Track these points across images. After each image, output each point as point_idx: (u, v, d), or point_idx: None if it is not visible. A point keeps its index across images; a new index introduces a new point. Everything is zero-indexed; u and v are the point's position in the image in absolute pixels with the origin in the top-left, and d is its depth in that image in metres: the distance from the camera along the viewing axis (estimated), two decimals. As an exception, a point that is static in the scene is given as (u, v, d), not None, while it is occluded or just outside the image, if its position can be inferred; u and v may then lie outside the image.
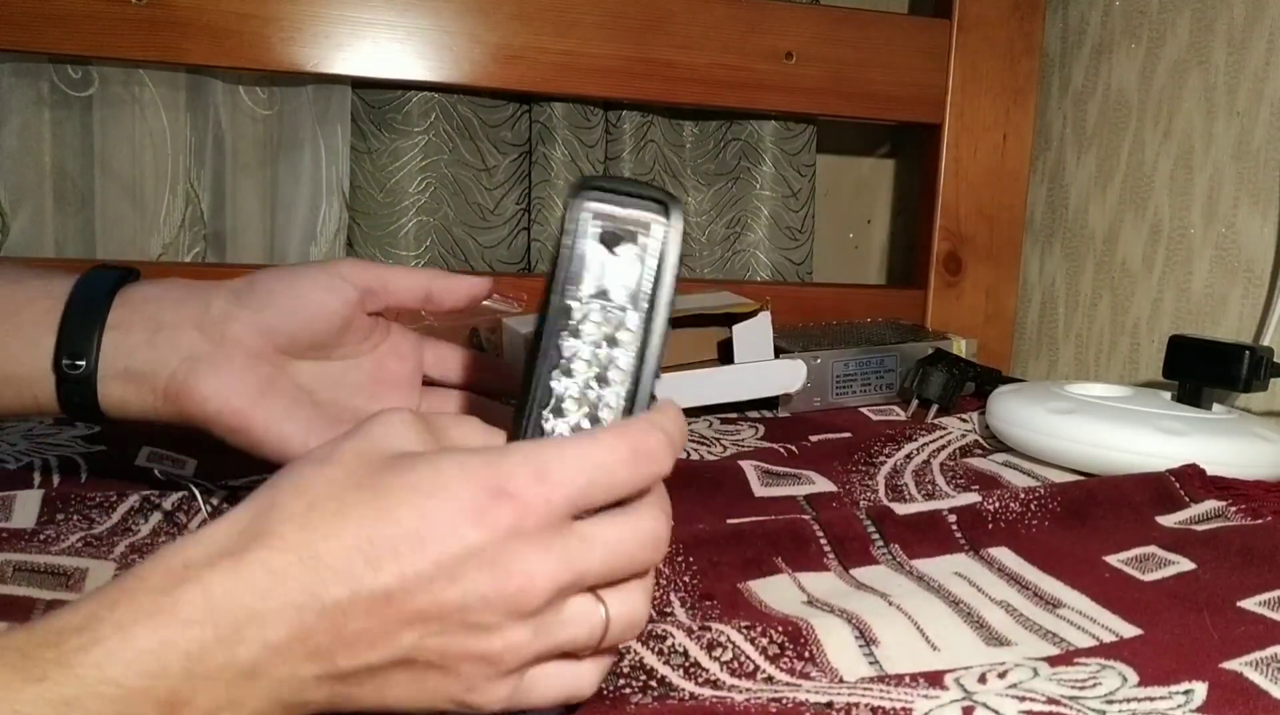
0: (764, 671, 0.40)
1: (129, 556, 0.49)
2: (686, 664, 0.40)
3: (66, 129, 0.97)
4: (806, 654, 0.41)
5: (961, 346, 0.90)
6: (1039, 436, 0.69)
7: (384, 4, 0.92)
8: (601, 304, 0.36)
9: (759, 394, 0.79)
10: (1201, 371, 0.73)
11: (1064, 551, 0.54)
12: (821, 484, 0.65)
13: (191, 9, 0.88)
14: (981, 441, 0.76)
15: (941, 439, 0.74)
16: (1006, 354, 1.13)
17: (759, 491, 0.63)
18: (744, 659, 0.41)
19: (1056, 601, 0.48)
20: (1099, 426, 0.67)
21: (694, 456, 0.71)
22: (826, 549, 0.54)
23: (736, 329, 0.77)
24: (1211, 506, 0.60)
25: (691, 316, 0.78)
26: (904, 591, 0.48)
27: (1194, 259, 0.96)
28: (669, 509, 0.35)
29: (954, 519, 0.57)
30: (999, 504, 0.58)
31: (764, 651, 0.41)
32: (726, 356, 0.79)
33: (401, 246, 1.06)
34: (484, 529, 0.30)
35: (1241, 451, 0.65)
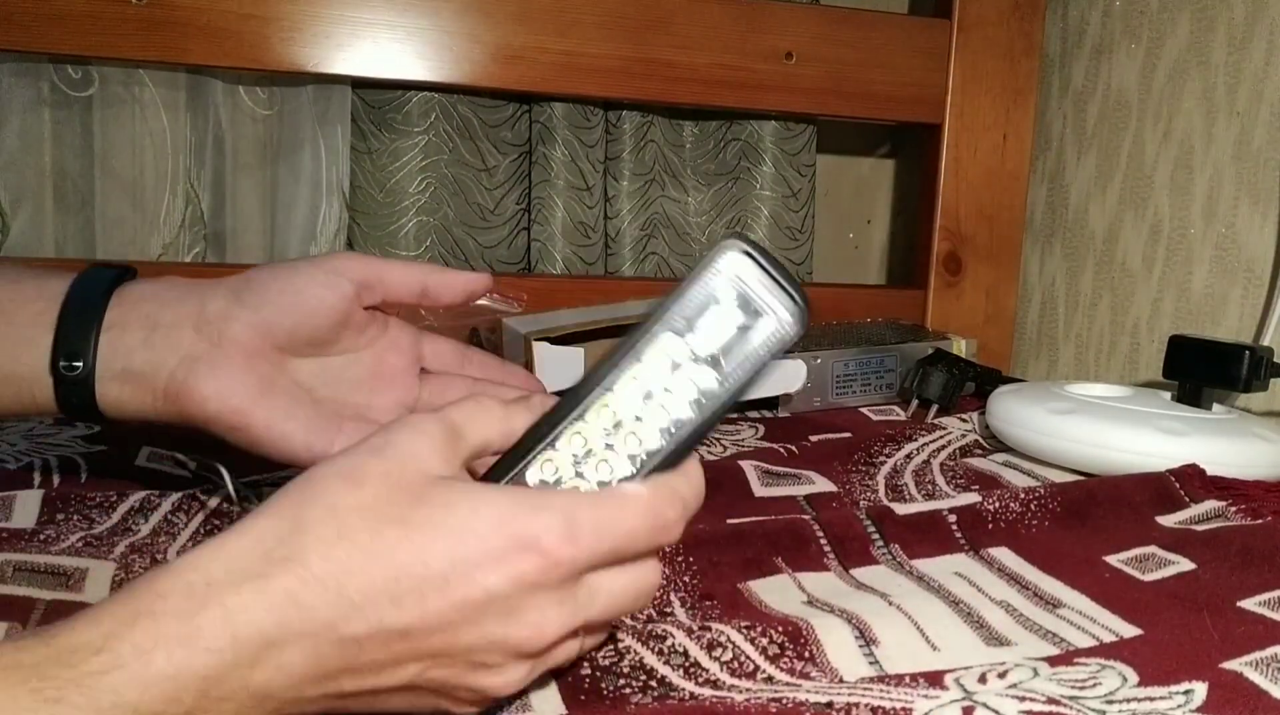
0: (764, 671, 0.40)
1: (129, 556, 0.49)
2: (686, 664, 0.40)
3: (66, 129, 0.97)
4: (806, 654, 0.41)
5: (961, 346, 0.90)
6: (1039, 436, 0.69)
7: (384, 4, 0.92)
8: (693, 352, 0.36)
9: (759, 394, 0.79)
10: (1201, 371, 0.73)
11: (1064, 551, 0.54)
12: (821, 484, 0.65)
13: (191, 9, 0.88)
14: (981, 441, 0.76)
15: (941, 439, 0.74)
16: (1006, 354, 1.13)
17: (759, 491, 0.63)
18: (744, 659, 0.41)
19: (1056, 601, 0.48)
20: (1099, 426, 0.67)
21: (694, 456, 0.71)
22: (826, 549, 0.53)
23: (736, 329, 0.77)
24: (1211, 506, 0.60)
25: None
26: (904, 591, 0.48)
27: (1194, 259, 0.96)
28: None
29: (954, 519, 0.57)
30: (999, 504, 0.58)
31: (764, 651, 0.41)
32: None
33: (401, 246, 1.06)
34: (509, 580, 0.31)
35: (1241, 451, 0.65)
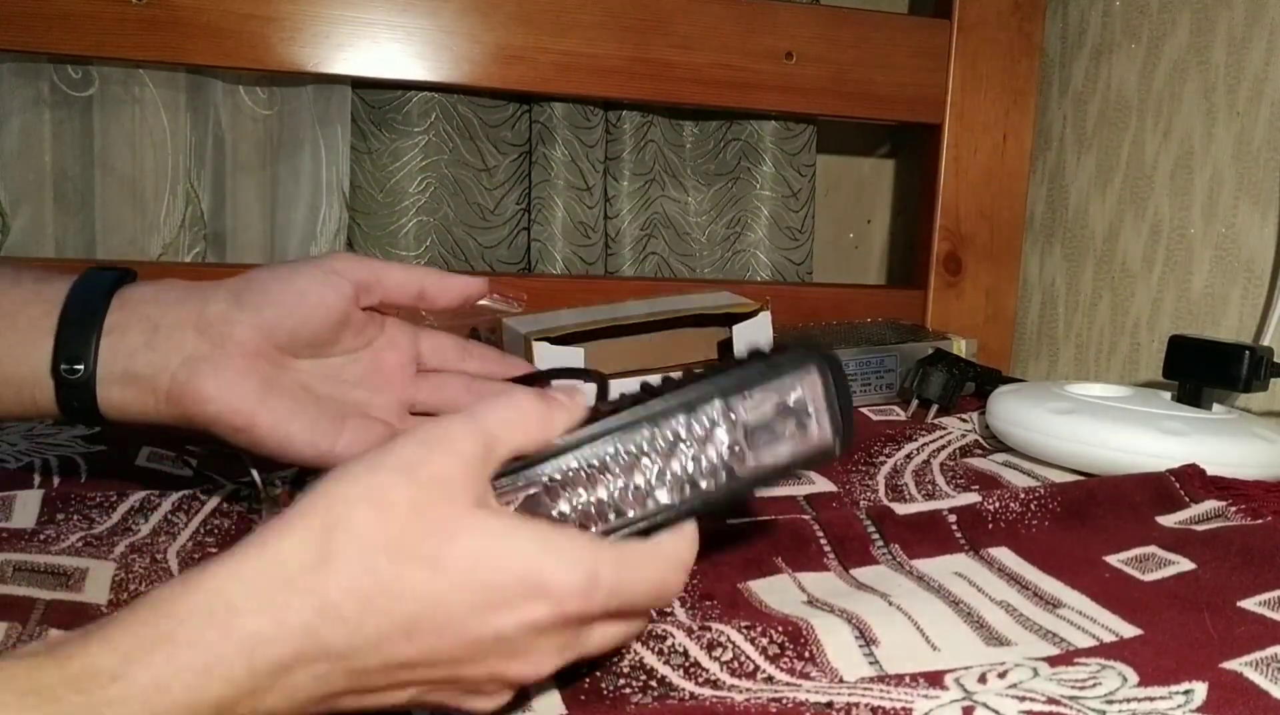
0: (764, 671, 0.40)
1: (129, 556, 0.49)
2: (686, 664, 0.40)
3: (66, 129, 0.97)
4: (806, 654, 0.41)
5: (961, 346, 0.90)
6: (1039, 436, 0.69)
7: (384, 4, 0.92)
8: (733, 429, 0.38)
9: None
10: (1201, 371, 0.73)
11: (1064, 551, 0.54)
12: (821, 484, 0.65)
13: (191, 9, 0.88)
14: (981, 441, 0.76)
15: (941, 439, 0.74)
16: (1006, 354, 1.13)
17: (759, 491, 0.63)
18: (744, 659, 0.41)
19: (1056, 601, 0.48)
20: (1099, 426, 0.67)
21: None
22: (826, 549, 0.54)
23: (736, 329, 0.77)
24: (1211, 506, 0.60)
25: (691, 316, 0.78)
26: (904, 591, 0.48)
27: (1194, 259, 0.96)
28: None
29: (954, 519, 0.57)
30: (999, 504, 0.58)
31: (764, 651, 0.41)
32: (727, 356, 0.79)
33: (401, 246, 1.06)
34: (519, 625, 0.32)
35: (1241, 451, 0.65)
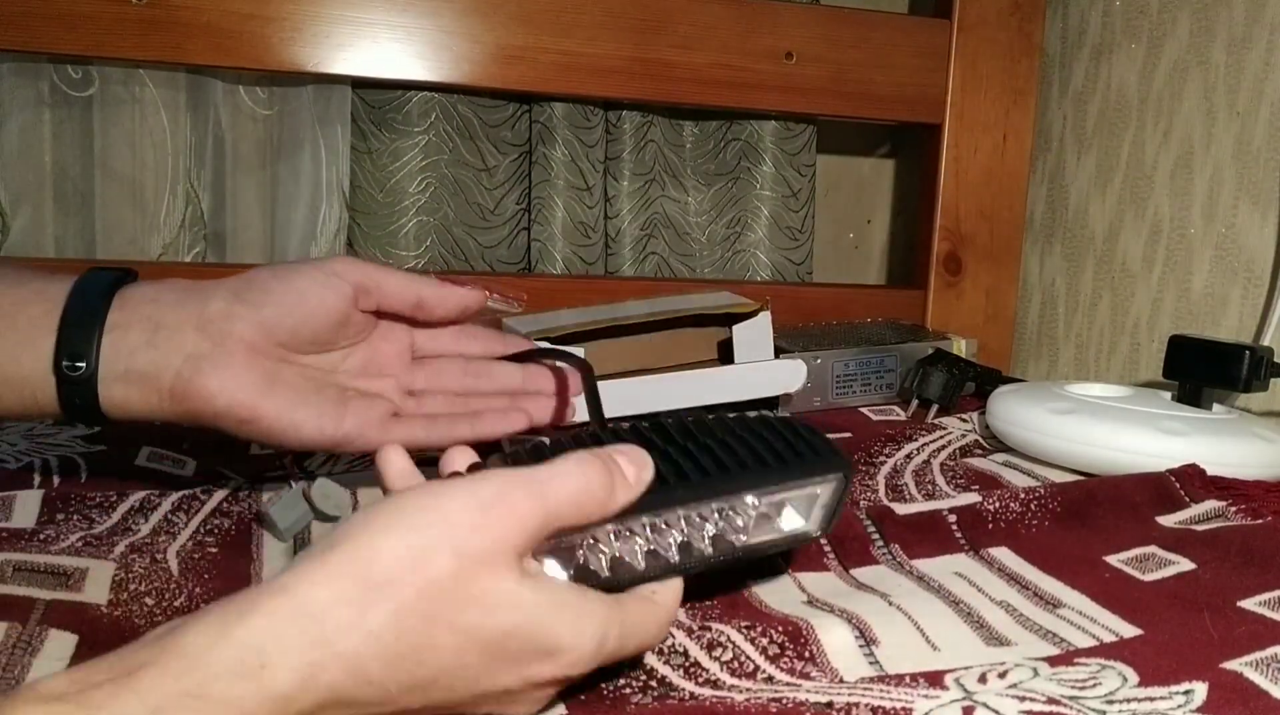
0: (764, 671, 0.40)
1: (129, 556, 0.49)
2: (686, 664, 0.40)
3: (66, 129, 0.97)
4: (806, 654, 0.41)
5: (961, 346, 0.90)
6: (1039, 436, 0.69)
7: (384, 4, 0.92)
8: (751, 508, 0.40)
9: (759, 394, 0.79)
10: (1201, 371, 0.73)
11: (1064, 551, 0.54)
12: (821, 484, 0.65)
13: (191, 9, 0.88)
14: (981, 441, 0.76)
15: (941, 439, 0.74)
16: (1006, 354, 1.13)
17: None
18: (744, 659, 0.41)
19: (1056, 601, 0.48)
20: (1099, 426, 0.67)
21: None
22: (826, 549, 0.54)
23: (736, 329, 0.76)
24: (1211, 506, 0.60)
25: (691, 316, 0.78)
26: (904, 591, 0.48)
27: (1194, 259, 0.96)
28: None
29: (954, 519, 0.57)
30: (999, 504, 0.58)
31: (764, 651, 0.41)
32: (726, 356, 0.79)
33: (401, 246, 1.06)
34: (523, 680, 0.34)
35: (1241, 451, 0.65)
